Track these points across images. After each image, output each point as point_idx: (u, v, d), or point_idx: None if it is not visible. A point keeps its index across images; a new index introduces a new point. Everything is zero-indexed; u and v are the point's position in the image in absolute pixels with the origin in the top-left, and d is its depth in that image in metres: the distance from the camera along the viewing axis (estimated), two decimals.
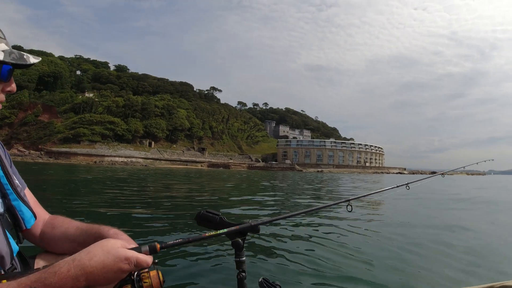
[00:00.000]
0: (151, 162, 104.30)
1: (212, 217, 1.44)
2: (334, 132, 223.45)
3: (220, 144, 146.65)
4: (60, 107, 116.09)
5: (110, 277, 1.02)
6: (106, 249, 1.04)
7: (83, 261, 0.99)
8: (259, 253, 4.46)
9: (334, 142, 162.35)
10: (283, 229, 6.06)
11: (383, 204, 10.25)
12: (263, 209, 9.06)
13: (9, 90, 1.20)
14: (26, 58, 1.19)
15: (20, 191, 1.30)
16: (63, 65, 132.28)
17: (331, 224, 6.78)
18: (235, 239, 1.40)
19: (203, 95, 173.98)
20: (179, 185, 18.63)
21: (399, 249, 4.87)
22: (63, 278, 0.95)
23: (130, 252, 1.07)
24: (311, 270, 3.86)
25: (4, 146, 1.37)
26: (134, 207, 8.46)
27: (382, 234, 6.04)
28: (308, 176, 53.47)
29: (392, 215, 8.58)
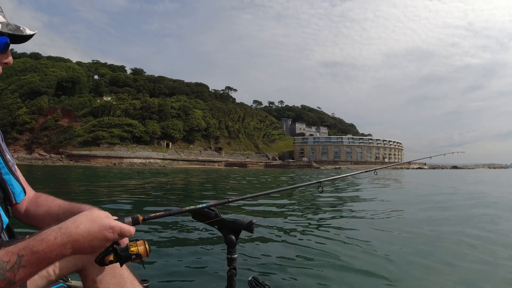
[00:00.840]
0: (169, 162, 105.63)
1: (208, 212, 1.43)
2: (352, 128, 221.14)
3: (236, 143, 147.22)
4: (79, 111, 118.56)
5: (95, 245, 1.04)
6: (91, 218, 1.05)
7: (69, 229, 1.00)
8: (250, 251, 4.51)
9: (351, 138, 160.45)
10: (275, 229, 6.15)
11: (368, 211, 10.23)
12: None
13: (5, 62, 1.20)
14: (23, 29, 1.19)
15: (11, 166, 1.30)
16: (81, 70, 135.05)
17: (325, 226, 6.74)
18: (229, 236, 1.40)
19: (218, 95, 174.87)
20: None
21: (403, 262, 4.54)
22: (51, 246, 0.96)
23: (114, 222, 1.09)
24: (300, 270, 3.90)
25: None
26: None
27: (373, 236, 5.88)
28: (325, 172, 53.21)
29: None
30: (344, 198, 12.50)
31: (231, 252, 1.40)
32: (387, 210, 9.01)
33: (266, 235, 5.61)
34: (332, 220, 7.57)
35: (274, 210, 8.66)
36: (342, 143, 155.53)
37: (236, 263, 1.40)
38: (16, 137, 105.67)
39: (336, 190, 14.85)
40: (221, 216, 1.43)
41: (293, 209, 9.21)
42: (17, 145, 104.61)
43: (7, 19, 1.18)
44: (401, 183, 14.56)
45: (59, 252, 0.98)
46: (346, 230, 6.28)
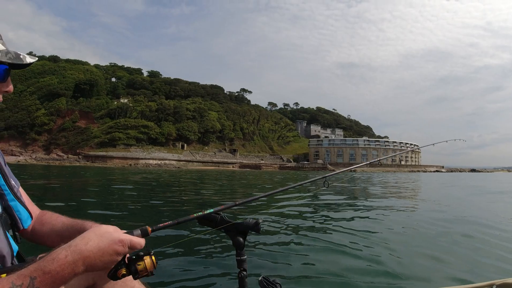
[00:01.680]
0: (184, 164, 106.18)
1: (213, 216, 1.43)
2: (368, 130, 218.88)
3: (251, 145, 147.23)
4: (96, 113, 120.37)
5: (106, 260, 1.05)
6: (99, 234, 1.07)
7: (79, 246, 1.01)
8: (259, 251, 4.48)
9: (367, 141, 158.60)
10: (284, 228, 6.09)
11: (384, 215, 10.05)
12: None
13: (6, 90, 1.19)
14: (23, 58, 1.18)
15: (16, 191, 1.29)
16: (98, 73, 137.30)
17: (332, 224, 6.67)
18: (236, 238, 1.40)
19: (233, 97, 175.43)
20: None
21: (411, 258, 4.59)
22: (62, 264, 0.97)
23: (124, 235, 1.10)
24: (311, 268, 3.87)
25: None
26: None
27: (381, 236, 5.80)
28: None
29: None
30: (355, 197, 12.33)
31: (240, 254, 1.40)
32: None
33: (273, 234, 5.53)
34: (342, 219, 7.40)
35: (281, 210, 8.54)
36: (357, 145, 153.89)
37: (246, 265, 1.41)
38: (35, 138, 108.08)
39: (343, 191, 14.65)
40: (227, 219, 1.43)
41: (301, 208, 9.09)
42: (35, 146, 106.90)
43: (7, 46, 1.17)
44: (413, 200, 14.19)
45: (71, 270, 0.98)
46: (357, 229, 6.15)
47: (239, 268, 1.40)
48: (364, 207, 9.54)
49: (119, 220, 6.90)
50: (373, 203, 10.91)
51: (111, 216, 7.40)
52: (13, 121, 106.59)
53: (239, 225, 1.41)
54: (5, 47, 1.15)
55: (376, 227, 6.55)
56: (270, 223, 6.47)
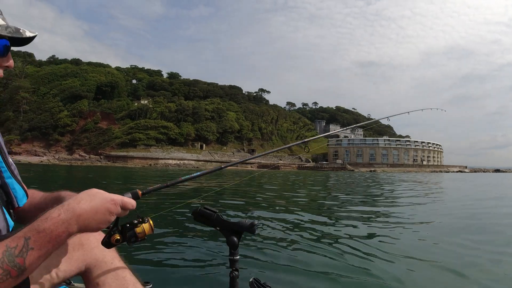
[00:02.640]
0: (203, 164, 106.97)
1: (209, 214, 1.43)
2: (388, 129, 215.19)
3: (269, 145, 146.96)
4: (117, 114, 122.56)
5: (100, 219, 1.04)
6: (91, 193, 1.07)
7: (72, 205, 1.01)
8: (252, 252, 4.48)
9: (388, 140, 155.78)
10: (278, 230, 6.11)
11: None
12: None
13: (6, 65, 1.19)
14: (22, 32, 1.17)
15: (14, 169, 1.29)
16: (119, 75, 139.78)
17: (332, 228, 6.59)
18: (231, 238, 1.40)
19: (251, 97, 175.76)
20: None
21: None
22: (55, 223, 0.96)
23: (115, 195, 1.10)
24: (302, 271, 3.86)
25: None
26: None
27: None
28: (356, 176, 52.12)
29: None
30: (351, 197, 12.21)
31: (233, 253, 1.40)
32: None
33: (267, 235, 5.55)
34: (337, 220, 7.38)
35: (278, 212, 8.56)
36: (378, 145, 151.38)
37: (238, 265, 1.41)
38: (58, 138, 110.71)
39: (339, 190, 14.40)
40: (222, 218, 1.43)
41: (301, 210, 9.08)
42: (58, 146, 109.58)
43: (7, 22, 1.16)
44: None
45: (64, 229, 0.97)
46: (349, 230, 6.25)
47: (231, 267, 1.40)
48: (365, 211, 9.37)
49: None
50: (380, 208, 10.67)
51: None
52: (36, 122, 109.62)
53: (234, 225, 1.41)
54: (5, 22, 1.15)
55: (381, 233, 6.32)
56: (266, 225, 6.46)
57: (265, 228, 6.25)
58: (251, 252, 4.48)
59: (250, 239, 5.08)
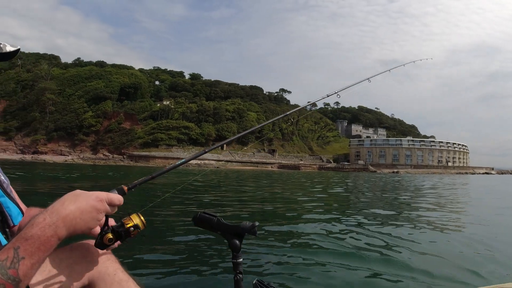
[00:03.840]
0: (223, 164, 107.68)
1: (210, 218, 1.43)
2: (413, 129, 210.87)
3: (290, 146, 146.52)
4: (140, 115, 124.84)
5: (87, 218, 1.02)
6: (75, 194, 1.05)
7: (56, 207, 1.00)
8: (255, 254, 4.46)
9: (411, 141, 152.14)
10: (281, 230, 6.09)
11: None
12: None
13: None
14: (3, 46, 1.16)
15: (6, 187, 1.26)
16: (142, 77, 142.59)
17: (337, 230, 6.40)
18: (233, 241, 1.40)
19: (272, 97, 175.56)
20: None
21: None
22: (42, 227, 0.94)
23: (100, 192, 1.08)
24: (307, 273, 3.82)
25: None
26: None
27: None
28: (378, 177, 51.21)
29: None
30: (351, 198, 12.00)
31: (236, 256, 1.40)
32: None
33: (269, 237, 5.53)
34: (340, 221, 7.25)
35: (280, 214, 8.51)
36: (401, 145, 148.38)
37: (241, 267, 1.40)
38: (83, 138, 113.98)
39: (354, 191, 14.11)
40: (223, 221, 1.42)
41: (303, 211, 9.00)
42: (83, 146, 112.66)
43: None
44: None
45: (52, 232, 0.95)
46: (354, 231, 6.11)
47: (235, 271, 1.39)
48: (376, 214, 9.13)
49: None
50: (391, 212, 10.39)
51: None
52: (62, 123, 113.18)
53: (236, 227, 1.40)
54: None
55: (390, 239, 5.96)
56: (268, 227, 6.42)
57: (268, 229, 6.21)
58: (254, 254, 4.47)
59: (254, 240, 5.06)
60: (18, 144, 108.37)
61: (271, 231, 6.09)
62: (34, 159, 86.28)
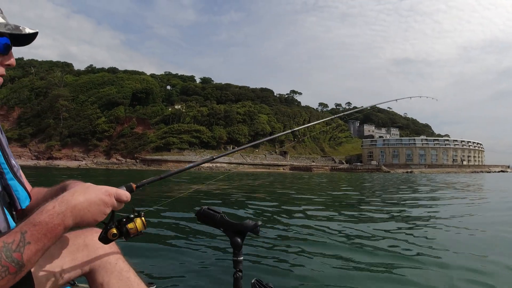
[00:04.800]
0: (235, 166, 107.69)
1: (213, 214, 1.43)
2: (426, 128, 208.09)
3: (302, 147, 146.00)
4: (152, 119, 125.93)
5: (95, 210, 1.04)
6: (85, 186, 1.08)
7: (66, 197, 1.01)
8: (255, 253, 4.48)
9: (425, 140, 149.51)
10: (283, 230, 6.08)
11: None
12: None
13: (8, 64, 1.18)
14: (22, 29, 1.16)
15: (16, 171, 1.28)
16: (154, 82, 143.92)
17: (338, 233, 6.32)
18: (234, 238, 1.40)
19: (283, 99, 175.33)
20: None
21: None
22: (50, 215, 0.95)
23: (109, 187, 1.10)
24: (306, 272, 3.83)
25: (2, 129, 1.31)
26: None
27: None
28: (392, 177, 50.71)
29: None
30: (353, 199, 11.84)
31: (237, 254, 1.40)
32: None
33: (271, 236, 5.55)
34: (340, 221, 7.19)
35: (285, 213, 8.47)
36: (415, 145, 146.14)
37: (242, 266, 1.40)
38: (96, 144, 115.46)
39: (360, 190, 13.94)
40: (226, 218, 1.43)
41: (306, 211, 8.95)
42: (97, 151, 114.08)
43: (7, 20, 1.16)
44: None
45: (60, 221, 0.96)
46: (352, 232, 6.08)
47: (235, 268, 1.40)
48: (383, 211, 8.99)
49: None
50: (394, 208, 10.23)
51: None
52: (76, 129, 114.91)
53: (238, 225, 1.40)
54: (5, 20, 1.15)
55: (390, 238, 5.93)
56: (272, 226, 6.39)
57: (271, 228, 6.19)
58: (255, 253, 4.47)
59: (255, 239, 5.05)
60: (33, 150, 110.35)
61: (274, 230, 6.08)
62: (48, 164, 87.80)
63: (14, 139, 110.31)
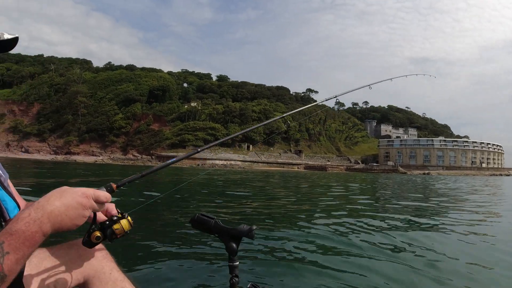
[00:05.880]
0: (249, 164, 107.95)
1: (207, 220, 1.43)
2: (445, 129, 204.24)
3: (317, 146, 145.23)
4: (168, 116, 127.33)
5: (73, 214, 1.01)
6: (61, 190, 1.05)
7: (41, 203, 0.99)
8: (251, 258, 4.44)
9: (443, 141, 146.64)
10: (278, 235, 6.00)
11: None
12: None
13: None
14: (1, 35, 1.16)
15: (3, 181, 1.26)
16: (170, 79, 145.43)
17: (336, 236, 6.12)
18: (230, 244, 1.39)
19: (299, 97, 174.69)
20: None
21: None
22: (26, 222, 0.94)
23: (87, 189, 1.08)
24: (301, 276, 3.80)
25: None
26: None
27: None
28: (410, 179, 49.96)
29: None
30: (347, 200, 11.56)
31: (233, 259, 1.39)
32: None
33: (266, 242, 5.48)
34: (335, 224, 7.05)
35: (278, 216, 8.39)
36: (433, 146, 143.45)
37: (238, 271, 1.40)
38: (113, 140, 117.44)
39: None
40: (221, 224, 1.42)
41: (303, 214, 8.84)
42: (114, 147, 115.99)
43: None
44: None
45: (37, 228, 0.94)
46: (350, 235, 5.92)
47: (231, 274, 1.39)
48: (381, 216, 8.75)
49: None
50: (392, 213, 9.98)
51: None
52: (93, 125, 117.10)
53: (233, 230, 1.40)
54: None
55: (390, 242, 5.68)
56: (268, 230, 6.31)
57: (266, 233, 6.12)
58: (251, 258, 4.44)
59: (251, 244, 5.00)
60: (51, 145, 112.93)
61: (269, 234, 6.00)
62: (66, 159, 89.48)
63: (34, 134, 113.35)
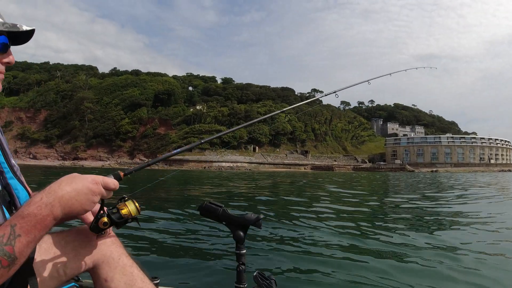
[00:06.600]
0: (255, 166, 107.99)
1: (215, 208, 1.45)
2: (453, 126, 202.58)
3: (323, 146, 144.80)
4: (174, 120, 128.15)
5: (83, 199, 1.04)
6: (72, 176, 1.07)
7: (53, 187, 1.02)
8: (258, 246, 4.50)
9: (451, 138, 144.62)
10: (285, 224, 6.08)
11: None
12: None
13: (7, 61, 1.19)
14: (19, 26, 1.18)
15: (16, 170, 1.29)
16: (175, 83, 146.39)
17: (340, 227, 6.25)
18: (237, 232, 1.41)
19: (304, 98, 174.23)
20: None
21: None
22: (38, 206, 0.96)
23: (96, 176, 1.10)
24: (307, 265, 3.84)
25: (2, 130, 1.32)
26: None
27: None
28: (419, 176, 49.60)
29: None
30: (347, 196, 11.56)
31: (240, 247, 1.42)
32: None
33: (273, 230, 5.57)
34: (340, 215, 7.08)
35: (285, 207, 8.42)
36: (440, 143, 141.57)
37: (244, 259, 1.42)
38: (120, 144, 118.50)
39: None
40: (228, 212, 1.44)
41: (306, 206, 8.91)
42: (121, 152, 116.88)
43: (4, 19, 1.17)
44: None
45: (48, 211, 0.97)
46: (353, 228, 5.99)
47: (238, 261, 1.42)
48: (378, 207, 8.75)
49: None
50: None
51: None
52: (100, 130, 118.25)
53: (240, 219, 1.42)
54: (2, 19, 1.16)
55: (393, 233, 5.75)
56: (275, 220, 6.36)
57: (273, 222, 6.17)
58: (258, 246, 4.50)
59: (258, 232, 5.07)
60: (59, 151, 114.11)
61: (278, 225, 6.04)
62: (73, 164, 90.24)
63: (41, 140, 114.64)
